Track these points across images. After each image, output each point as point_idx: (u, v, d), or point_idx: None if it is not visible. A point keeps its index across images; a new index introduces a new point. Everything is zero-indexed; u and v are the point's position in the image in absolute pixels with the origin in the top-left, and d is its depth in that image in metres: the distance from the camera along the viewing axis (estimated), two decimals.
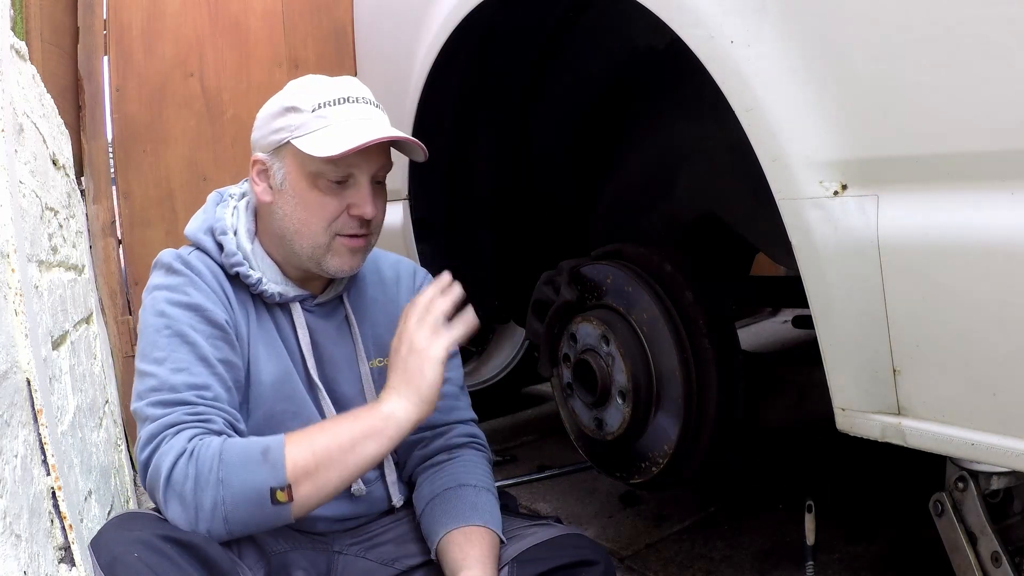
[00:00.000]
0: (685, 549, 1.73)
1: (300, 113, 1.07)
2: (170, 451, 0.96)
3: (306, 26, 2.64)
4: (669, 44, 1.49)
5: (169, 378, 1.01)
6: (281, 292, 1.13)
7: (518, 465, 2.37)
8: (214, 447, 0.96)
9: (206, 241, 1.13)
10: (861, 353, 0.87)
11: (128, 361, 2.47)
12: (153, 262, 1.12)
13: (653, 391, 1.42)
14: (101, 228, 2.43)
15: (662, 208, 1.76)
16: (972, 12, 0.73)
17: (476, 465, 1.21)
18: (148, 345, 1.05)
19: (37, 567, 0.88)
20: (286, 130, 1.07)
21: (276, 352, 1.13)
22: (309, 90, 1.10)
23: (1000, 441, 0.77)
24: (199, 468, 0.94)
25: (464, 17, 1.44)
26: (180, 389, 1.01)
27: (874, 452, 1.29)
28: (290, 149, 1.08)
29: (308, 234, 1.09)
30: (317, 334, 1.17)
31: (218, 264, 1.12)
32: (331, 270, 1.12)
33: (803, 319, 1.98)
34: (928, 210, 0.79)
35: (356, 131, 1.05)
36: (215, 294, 1.09)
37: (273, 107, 1.11)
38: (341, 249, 1.11)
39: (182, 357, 1.03)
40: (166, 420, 0.98)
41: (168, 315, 1.05)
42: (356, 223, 1.09)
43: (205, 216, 1.16)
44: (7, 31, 1.23)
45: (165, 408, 0.99)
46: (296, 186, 1.08)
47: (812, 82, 0.86)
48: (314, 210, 1.08)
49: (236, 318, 1.11)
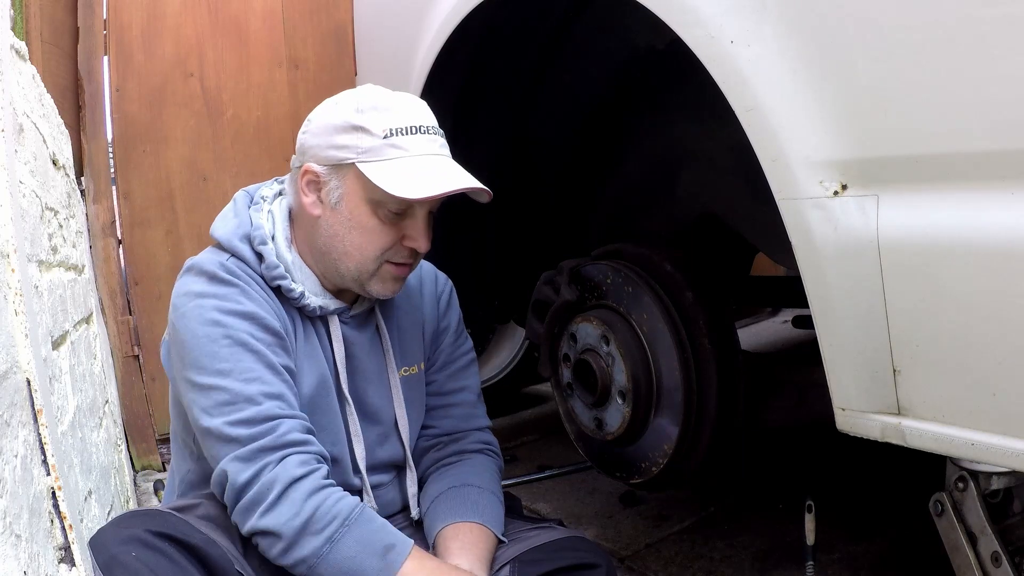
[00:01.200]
0: (685, 549, 1.73)
1: (370, 136, 1.02)
2: (278, 480, 0.95)
3: (306, 26, 2.64)
4: (669, 44, 1.49)
5: (243, 389, 0.98)
6: (322, 305, 1.11)
7: (518, 465, 2.37)
8: (349, 504, 0.97)
9: (243, 250, 1.08)
10: (861, 353, 0.87)
11: (128, 361, 2.47)
12: (187, 266, 1.07)
13: (653, 391, 1.42)
14: (101, 228, 2.43)
15: (662, 208, 1.76)
16: (972, 12, 0.73)
17: (484, 468, 1.22)
18: (205, 356, 1.00)
19: (37, 567, 0.88)
20: (352, 150, 1.02)
21: (316, 363, 1.11)
22: (380, 111, 1.03)
23: (1000, 441, 0.77)
24: (318, 512, 0.95)
25: (464, 17, 1.44)
26: (258, 400, 0.98)
27: (874, 452, 1.29)
28: (354, 171, 1.03)
29: (359, 258, 1.06)
30: (351, 346, 1.15)
31: (258, 274, 1.08)
32: (373, 293, 1.10)
33: (803, 319, 1.98)
34: (928, 210, 0.79)
35: (430, 170, 1.02)
36: (266, 302, 1.06)
37: (336, 119, 1.05)
38: (387, 275, 1.09)
39: (249, 367, 0.99)
40: (262, 444, 0.96)
41: (225, 324, 1.00)
42: (407, 252, 1.08)
43: (238, 220, 1.10)
44: (7, 31, 1.23)
45: (251, 427, 0.97)
46: (354, 210, 1.05)
47: (812, 82, 0.86)
48: (369, 237, 1.05)
49: (286, 327, 1.08)
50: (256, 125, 2.60)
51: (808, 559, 1.27)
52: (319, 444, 1.03)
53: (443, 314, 1.27)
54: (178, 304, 1.04)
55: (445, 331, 1.27)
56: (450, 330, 1.27)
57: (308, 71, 2.66)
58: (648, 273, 1.45)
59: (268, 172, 2.86)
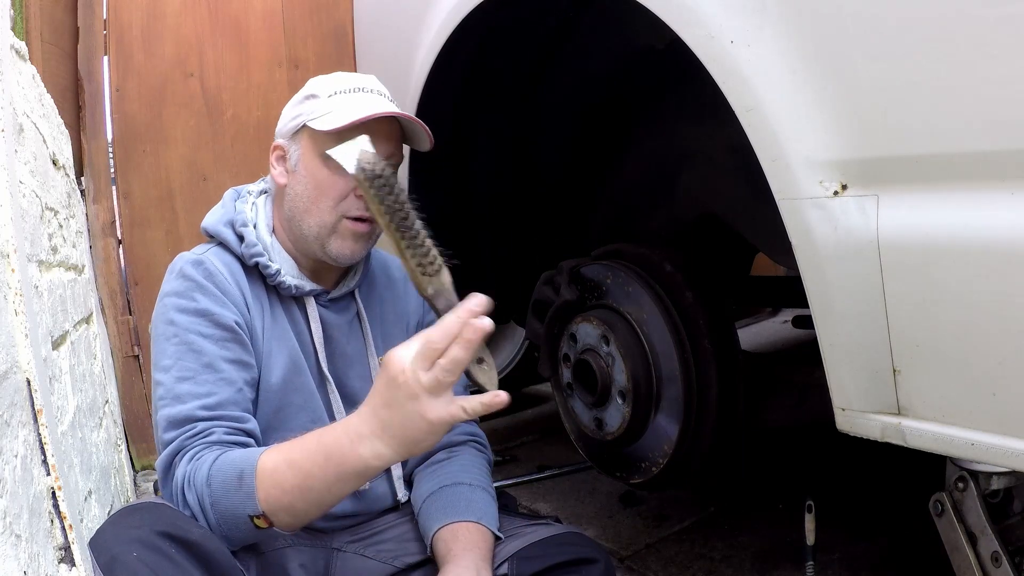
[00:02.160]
0: (685, 549, 1.73)
1: (317, 99, 1.13)
2: (180, 479, 0.99)
3: (306, 26, 2.64)
4: (669, 44, 1.49)
5: (174, 387, 1.04)
6: (297, 285, 1.16)
7: (518, 465, 2.37)
8: (203, 472, 0.98)
9: (226, 233, 1.15)
10: (861, 353, 0.87)
11: (128, 361, 2.48)
12: (169, 267, 1.15)
13: (653, 391, 1.42)
14: (101, 228, 2.43)
15: (662, 208, 1.76)
16: (972, 12, 0.73)
17: (474, 464, 1.22)
18: (158, 353, 1.08)
19: (37, 567, 0.88)
20: (303, 115, 1.13)
21: (288, 345, 1.15)
22: (329, 81, 1.16)
23: (1000, 441, 0.77)
24: (197, 493, 0.97)
25: (464, 17, 1.44)
26: (185, 399, 1.03)
27: (874, 452, 1.29)
28: (305, 132, 1.14)
29: (316, 212, 1.13)
30: (329, 328, 1.19)
31: (236, 256, 1.14)
32: (333, 253, 1.14)
33: (803, 319, 1.98)
34: (928, 210, 0.79)
35: (365, 107, 1.10)
36: (227, 295, 1.11)
37: (295, 98, 1.18)
38: (346, 232, 1.13)
39: (187, 365, 1.05)
40: (174, 446, 1.02)
41: (176, 323, 1.08)
42: (362, 205, 1.11)
43: (224, 210, 1.19)
44: (7, 31, 1.23)
45: (174, 430, 1.02)
46: (309, 165, 1.13)
47: (812, 82, 0.86)
48: (324, 188, 1.12)
49: (251, 314, 1.12)
50: (256, 125, 2.60)
51: (808, 559, 1.27)
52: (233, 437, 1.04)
53: (428, 308, 1.28)
54: (157, 303, 1.13)
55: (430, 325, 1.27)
56: None
57: (308, 71, 2.65)
58: (648, 273, 1.45)
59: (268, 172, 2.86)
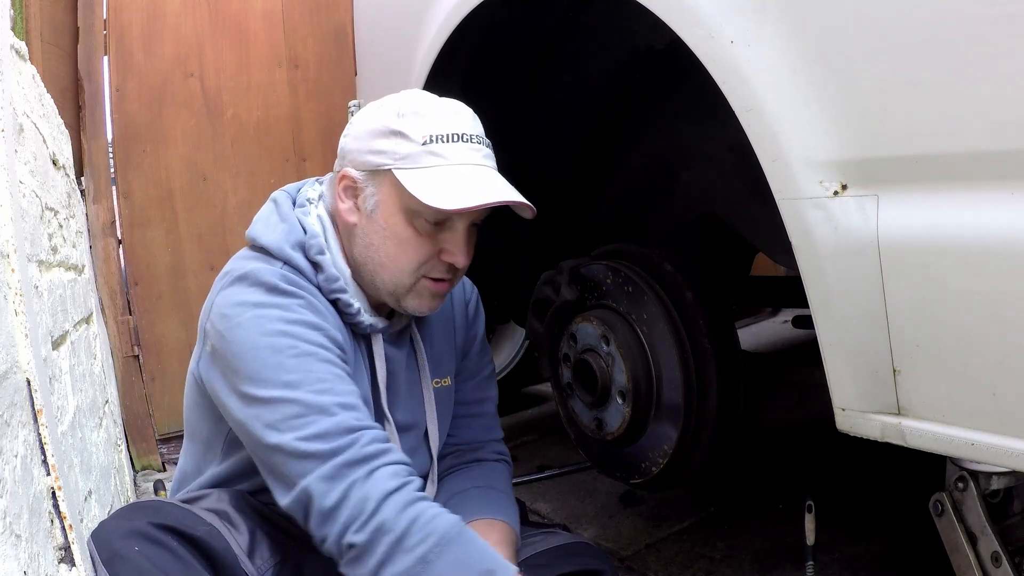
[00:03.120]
0: (685, 549, 1.73)
1: (408, 142, 0.98)
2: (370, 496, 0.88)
3: (306, 26, 2.64)
4: (669, 44, 1.49)
5: (315, 400, 0.91)
6: (372, 323, 1.06)
7: (518, 465, 2.37)
8: (447, 521, 0.88)
9: (298, 259, 1.02)
10: (861, 353, 0.87)
11: (128, 361, 2.47)
12: (237, 275, 1.00)
13: (653, 391, 1.42)
14: (101, 228, 2.43)
15: (662, 208, 1.76)
16: (972, 12, 0.73)
17: (503, 476, 1.24)
18: (268, 368, 0.93)
19: (37, 567, 0.88)
20: (389, 156, 0.98)
21: (360, 379, 1.06)
22: (421, 116, 0.99)
23: (1000, 441, 0.77)
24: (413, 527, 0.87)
25: (464, 17, 1.44)
26: (333, 411, 0.91)
27: (874, 452, 1.29)
28: (390, 178, 0.99)
29: (394, 271, 1.02)
30: (391, 363, 1.11)
31: (315, 286, 1.02)
32: (409, 309, 1.06)
33: (803, 319, 1.98)
34: (928, 210, 0.79)
35: (469, 180, 0.98)
36: (330, 315, 1.01)
37: (376, 123, 1.01)
38: (424, 292, 1.04)
39: (320, 377, 0.93)
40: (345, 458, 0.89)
41: (291, 334, 0.94)
42: (445, 268, 1.03)
43: (287, 226, 1.04)
44: (7, 31, 1.23)
45: (330, 441, 0.89)
46: (390, 219, 1.01)
47: (812, 82, 0.86)
48: (404, 249, 1.01)
49: (345, 341, 1.03)
50: (256, 125, 2.61)
51: (808, 559, 1.27)
52: (401, 453, 0.96)
53: (471, 321, 1.26)
54: (231, 314, 0.96)
55: (473, 340, 1.26)
56: (477, 338, 1.26)
57: (308, 71, 2.66)
58: (648, 273, 1.45)
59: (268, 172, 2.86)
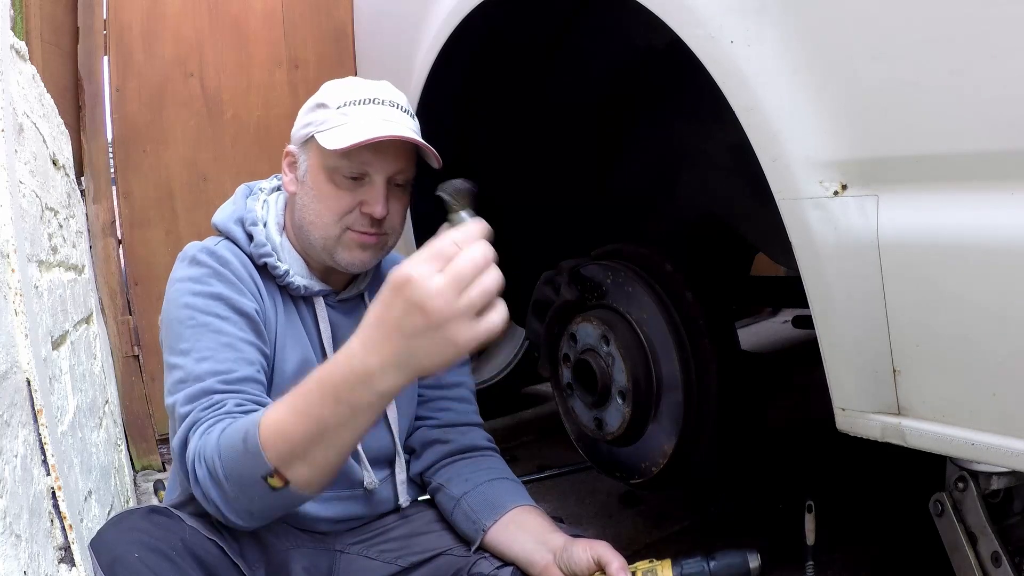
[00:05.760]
0: (685, 549, 1.72)
1: (326, 109, 1.10)
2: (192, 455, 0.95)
3: (306, 26, 2.64)
4: (669, 44, 1.49)
5: (194, 368, 1.02)
6: (306, 285, 1.15)
7: (518, 465, 2.37)
8: (212, 443, 0.93)
9: (236, 231, 1.15)
10: (861, 353, 0.87)
11: (128, 361, 2.48)
12: (179, 255, 1.14)
13: (653, 391, 1.42)
14: (101, 228, 2.43)
15: (662, 208, 1.76)
16: (972, 12, 0.73)
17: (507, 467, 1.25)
18: (174, 338, 1.06)
19: (37, 567, 0.88)
20: (312, 125, 1.11)
21: (300, 343, 1.15)
22: (341, 89, 1.12)
23: (1000, 441, 0.77)
24: (208, 466, 0.93)
25: (464, 17, 1.44)
26: (204, 378, 1.01)
27: (874, 452, 1.29)
28: (313, 143, 1.11)
29: (320, 225, 1.11)
30: (338, 329, 1.18)
31: (247, 254, 1.14)
32: (342, 263, 1.13)
33: (803, 319, 1.98)
34: (928, 210, 0.79)
35: (371, 127, 1.06)
36: (243, 283, 1.10)
37: (309, 103, 1.15)
38: (351, 243, 1.12)
39: (206, 346, 1.03)
40: (188, 420, 0.98)
41: (193, 306, 1.06)
42: (367, 221, 1.10)
43: (235, 207, 1.18)
44: (7, 31, 1.23)
45: (190, 404, 0.99)
46: (315, 179, 1.11)
47: (812, 82, 0.86)
48: (327, 203, 1.10)
49: (264, 307, 1.12)
50: (256, 125, 2.60)
51: (808, 559, 1.27)
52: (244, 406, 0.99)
53: None
54: (167, 290, 1.11)
55: None
56: None
57: (308, 71, 2.66)
58: (648, 273, 1.45)
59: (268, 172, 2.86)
